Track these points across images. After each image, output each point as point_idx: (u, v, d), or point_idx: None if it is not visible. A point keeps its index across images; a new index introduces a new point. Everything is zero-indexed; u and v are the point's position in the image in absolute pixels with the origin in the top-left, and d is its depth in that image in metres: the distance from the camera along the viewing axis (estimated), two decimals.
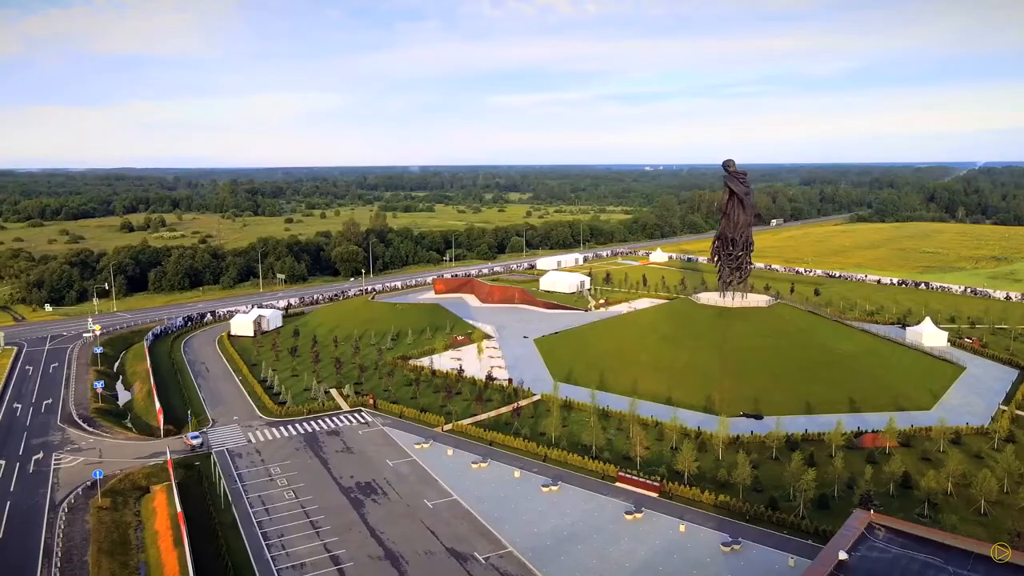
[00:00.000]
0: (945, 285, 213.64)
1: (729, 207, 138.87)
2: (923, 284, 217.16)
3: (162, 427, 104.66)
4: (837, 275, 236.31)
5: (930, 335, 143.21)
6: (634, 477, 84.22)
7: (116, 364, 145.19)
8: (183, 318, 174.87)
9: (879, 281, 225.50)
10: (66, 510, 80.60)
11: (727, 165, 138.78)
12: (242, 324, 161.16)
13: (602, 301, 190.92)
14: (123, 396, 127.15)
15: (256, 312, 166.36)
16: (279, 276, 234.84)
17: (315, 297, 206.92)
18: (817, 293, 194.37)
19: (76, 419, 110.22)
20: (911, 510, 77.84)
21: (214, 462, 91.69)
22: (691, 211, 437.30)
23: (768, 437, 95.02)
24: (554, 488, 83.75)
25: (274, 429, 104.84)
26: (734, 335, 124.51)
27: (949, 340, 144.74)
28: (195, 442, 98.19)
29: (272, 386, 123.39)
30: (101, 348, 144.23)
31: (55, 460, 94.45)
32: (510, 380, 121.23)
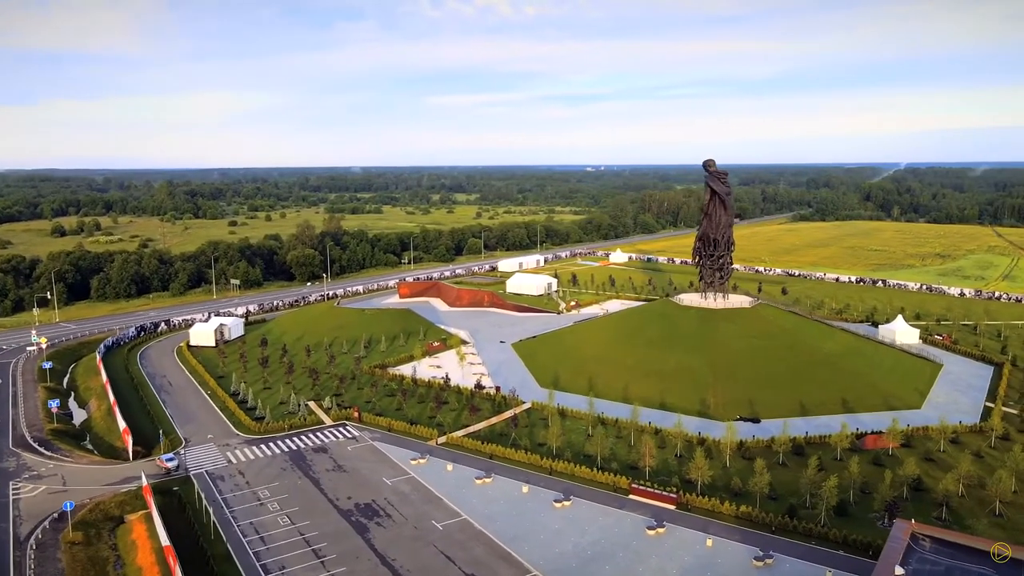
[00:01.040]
0: (901, 283, 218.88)
1: (710, 207, 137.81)
2: (880, 282, 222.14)
3: (130, 449, 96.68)
4: (796, 274, 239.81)
5: (903, 333, 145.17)
6: (649, 489, 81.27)
7: (66, 379, 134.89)
8: (136, 328, 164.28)
9: (837, 279, 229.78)
10: (34, 546, 72.96)
11: (708, 165, 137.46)
12: (202, 333, 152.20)
13: (573, 303, 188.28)
14: (78, 415, 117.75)
15: (217, 320, 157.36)
16: (233, 281, 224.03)
17: (275, 303, 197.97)
18: (784, 292, 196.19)
19: (31, 442, 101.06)
20: (928, 513, 77.13)
21: (197, 490, 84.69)
22: (642, 211, 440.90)
23: (774, 442, 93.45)
24: (567, 503, 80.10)
25: (255, 447, 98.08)
26: (722, 337, 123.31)
27: (921, 337, 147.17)
28: (170, 464, 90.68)
29: (245, 400, 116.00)
30: (50, 363, 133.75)
31: (13, 490, 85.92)
32: (498, 388, 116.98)
